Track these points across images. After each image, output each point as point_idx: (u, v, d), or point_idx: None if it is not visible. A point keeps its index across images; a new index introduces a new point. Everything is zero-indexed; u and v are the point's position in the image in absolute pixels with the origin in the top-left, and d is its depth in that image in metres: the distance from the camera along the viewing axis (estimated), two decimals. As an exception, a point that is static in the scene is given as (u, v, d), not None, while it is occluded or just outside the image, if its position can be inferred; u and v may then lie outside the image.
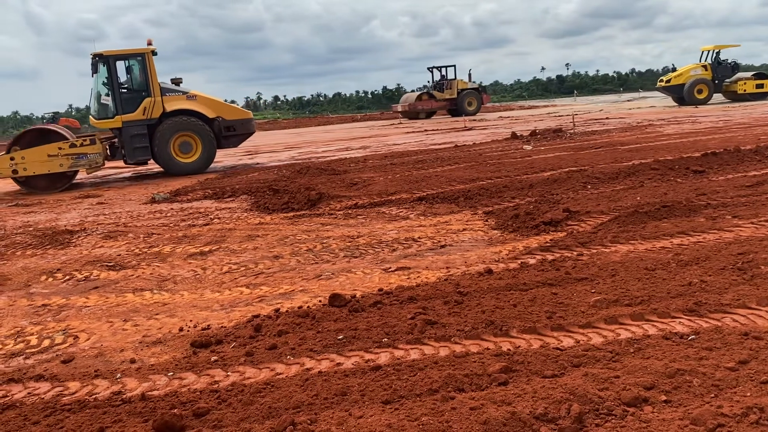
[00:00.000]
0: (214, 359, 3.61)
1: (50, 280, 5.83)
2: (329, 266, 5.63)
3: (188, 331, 4.22)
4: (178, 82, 15.07)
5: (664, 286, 4.20)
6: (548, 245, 5.61)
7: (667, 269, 4.56)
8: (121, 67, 14.48)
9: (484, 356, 3.29)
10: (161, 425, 2.76)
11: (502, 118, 33.69)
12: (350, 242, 6.42)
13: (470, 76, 38.38)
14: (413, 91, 42.76)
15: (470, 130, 24.25)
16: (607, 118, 25.55)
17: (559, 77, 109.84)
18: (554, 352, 3.28)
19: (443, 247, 6.02)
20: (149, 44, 14.48)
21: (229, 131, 15.03)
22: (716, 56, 31.61)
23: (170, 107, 14.46)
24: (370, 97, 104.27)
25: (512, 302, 4.12)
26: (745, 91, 31.35)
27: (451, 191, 8.89)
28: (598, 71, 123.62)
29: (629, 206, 6.74)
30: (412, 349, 3.51)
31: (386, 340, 3.65)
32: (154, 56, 14.39)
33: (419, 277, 5.06)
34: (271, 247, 6.51)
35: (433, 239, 6.31)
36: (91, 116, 14.83)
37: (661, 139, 14.70)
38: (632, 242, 5.45)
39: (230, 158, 18.96)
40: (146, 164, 15.79)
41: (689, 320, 3.59)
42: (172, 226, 8.09)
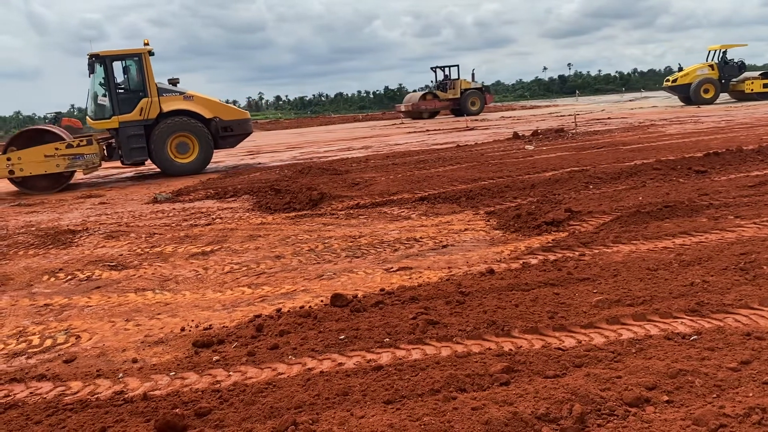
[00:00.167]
0: (215, 359, 3.61)
1: (52, 279, 5.84)
2: (331, 266, 5.63)
3: (190, 330, 4.22)
4: (175, 82, 15.03)
5: (666, 286, 4.19)
6: (550, 245, 5.61)
7: (669, 269, 4.56)
8: (118, 67, 14.44)
9: (485, 356, 3.28)
10: (163, 425, 2.76)
11: (503, 118, 33.68)
12: (352, 242, 6.43)
13: (473, 75, 38.43)
14: (415, 90, 42.78)
15: (472, 130, 24.24)
16: (609, 118, 25.53)
17: (561, 77, 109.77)
18: (556, 352, 3.28)
19: (445, 247, 6.02)
20: (146, 44, 14.45)
21: (226, 131, 15.00)
22: (723, 56, 31.42)
23: (167, 108, 14.42)
24: (371, 97, 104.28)
25: (514, 302, 4.11)
26: (752, 90, 31.08)
27: (452, 191, 8.89)
28: (600, 71, 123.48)
29: (631, 206, 6.73)
30: (413, 349, 3.51)
31: (388, 340, 3.65)
32: (151, 56, 14.35)
33: (421, 277, 5.06)
34: (272, 247, 6.51)
35: (434, 239, 6.31)
36: (87, 117, 14.81)
37: (663, 139, 14.69)
38: (634, 242, 5.45)
39: (232, 158, 18.97)
40: (143, 164, 15.76)
41: (691, 320, 3.58)
42: (174, 226, 8.09)
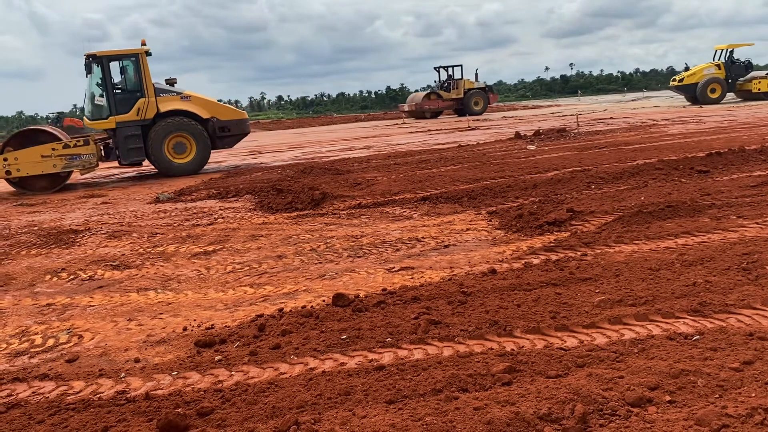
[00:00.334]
0: (218, 359, 3.61)
1: (55, 279, 5.85)
2: (333, 266, 5.63)
3: (192, 330, 4.23)
4: (172, 82, 15.01)
5: (668, 286, 4.19)
6: (552, 245, 5.61)
7: (671, 269, 4.55)
8: (115, 67, 14.42)
9: (487, 356, 3.28)
10: (165, 424, 2.76)
11: (505, 117, 33.66)
12: (354, 242, 6.43)
13: (477, 75, 38.52)
14: (417, 91, 42.81)
15: (474, 129, 24.23)
16: (611, 118, 25.50)
17: (563, 77, 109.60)
18: (558, 352, 3.28)
19: (447, 247, 6.01)
20: (143, 44, 14.42)
21: (223, 132, 14.98)
22: (730, 55, 31.26)
23: (164, 108, 14.40)
24: (373, 97, 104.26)
25: (516, 302, 4.11)
26: (759, 90, 30.85)
27: (454, 191, 8.89)
28: (602, 71, 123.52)
29: (633, 206, 6.72)
30: (415, 349, 3.51)
31: (390, 340, 3.65)
32: (148, 56, 14.32)
33: (423, 277, 5.05)
34: (274, 246, 6.51)
35: (436, 239, 6.31)
36: (85, 117, 14.80)
37: (665, 139, 14.67)
38: (636, 242, 5.44)
39: (234, 158, 18.98)
40: (141, 164, 15.72)
41: (693, 320, 3.58)
42: (176, 225, 8.10)
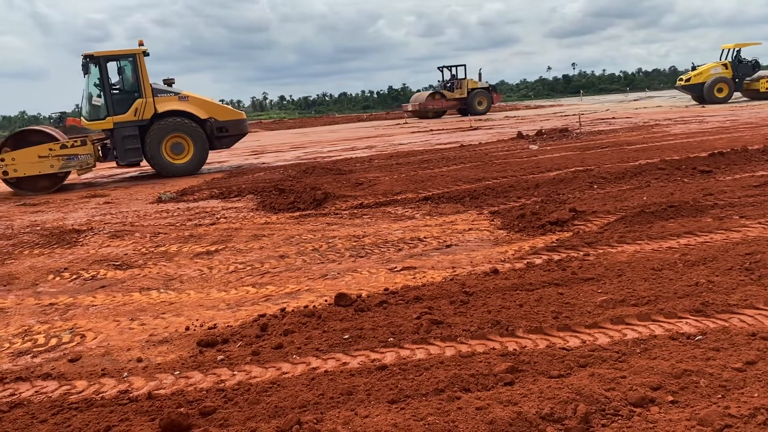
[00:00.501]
0: (220, 358, 3.62)
1: (57, 279, 5.86)
2: (335, 266, 5.63)
3: (195, 330, 4.23)
4: (170, 82, 14.99)
5: (670, 286, 4.18)
6: (554, 245, 5.60)
7: (673, 269, 4.55)
8: (113, 68, 14.39)
9: (490, 356, 3.28)
10: (168, 424, 2.77)
11: (507, 117, 33.65)
12: (356, 242, 6.43)
13: (480, 75, 38.58)
14: (419, 91, 42.84)
15: (476, 129, 24.23)
16: (613, 117, 25.48)
17: (565, 77, 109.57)
18: (560, 352, 3.28)
19: (449, 246, 6.01)
20: (140, 45, 14.41)
21: (221, 132, 14.96)
22: (737, 54, 31.02)
23: (162, 108, 14.38)
24: (375, 96, 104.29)
25: (518, 302, 4.11)
26: (767, 89, 30.52)
27: (456, 191, 8.89)
28: (604, 71, 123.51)
29: (636, 206, 6.72)
30: (417, 348, 3.51)
31: (392, 339, 3.65)
32: (145, 57, 14.30)
33: (425, 276, 5.05)
34: (277, 246, 6.52)
35: (438, 239, 6.31)
36: (82, 117, 14.80)
37: (667, 138, 14.65)
38: (639, 242, 5.43)
39: (236, 158, 19.00)
40: (138, 165, 15.71)
41: (696, 321, 3.57)
42: (178, 225, 8.11)
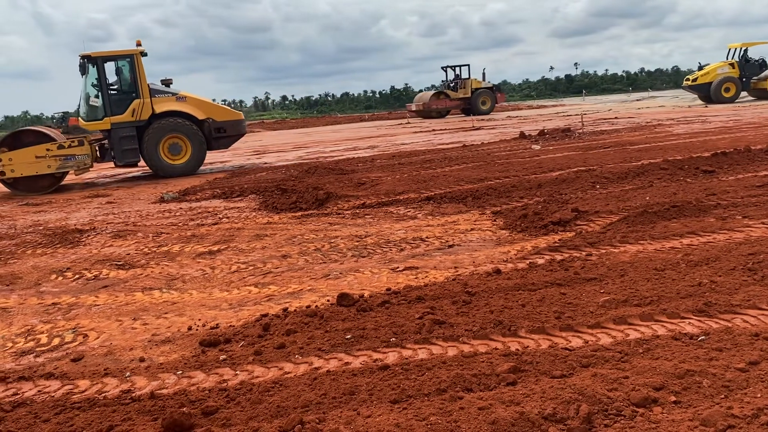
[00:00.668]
0: (222, 358, 3.62)
1: (60, 278, 5.87)
2: (337, 266, 5.63)
3: (197, 330, 4.24)
4: (168, 83, 14.96)
5: (673, 286, 4.18)
6: (557, 245, 5.59)
7: (676, 269, 4.54)
8: (110, 68, 14.37)
9: (492, 356, 3.28)
10: (170, 423, 2.77)
11: (510, 117, 33.62)
12: (358, 242, 6.43)
13: (484, 75, 38.63)
14: (422, 91, 42.89)
15: (478, 129, 24.21)
16: (616, 117, 25.44)
17: (567, 77, 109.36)
18: (563, 352, 3.27)
19: (451, 246, 6.01)
20: (138, 45, 14.38)
21: (219, 132, 14.94)
22: (744, 54, 30.80)
23: (159, 109, 14.34)
24: (378, 96, 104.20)
25: (521, 302, 4.11)
26: None
27: (459, 191, 8.88)
28: (607, 71, 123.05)
29: (638, 206, 6.71)
30: (420, 348, 3.51)
31: (394, 339, 3.65)
32: (143, 57, 14.28)
33: (427, 276, 5.05)
34: (279, 246, 6.52)
35: (441, 239, 6.31)
36: (80, 118, 14.79)
37: (670, 138, 14.63)
38: (641, 242, 5.42)
39: (238, 158, 19.02)
40: (136, 165, 15.71)
41: (699, 321, 3.57)
42: (180, 225, 8.12)
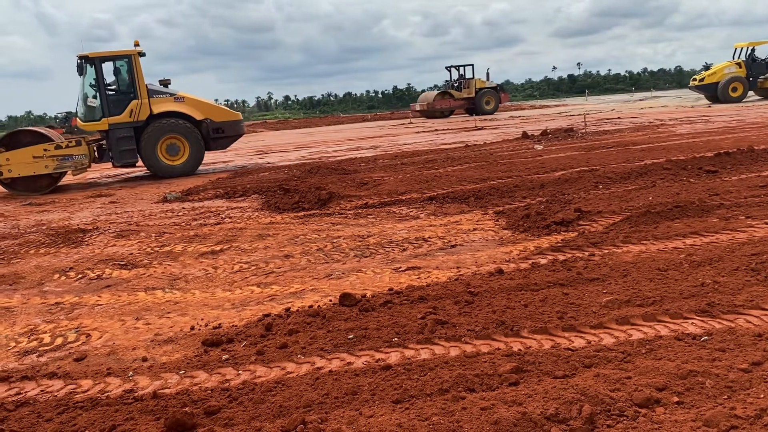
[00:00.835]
0: (225, 358, 3.62)
1: (63, 278, 5.88)
2: (339, 266, 5.64)
3: (199, 329, 4.24)
4: (166, 83, 14.95)
5: (676, 286, 4.17)
6: (559, 245, 5.59)
7: (679, 270, 4.53)
8: (108, 69, 14.34)
9: (494, 356, 3.28)
10: (173, 423, 2.77)
11: (512, 117, 33.60)
12: (360, 242, 6.43)
13: (488, 75, 38.70)
14: (425, 90, 42.90)
15: (481, 129, 24.20)
16: (618, 117, 25.40)
17: (570, 77, 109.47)
18: (565, 352, 3.27)
19: (454, 246, 6.01)
20: (136, 45, 14.37)
21: (217, 133, 14.92)
22: (751, 53, 30.65)
23: (157, 109, 14.32)
24: (380, 96, 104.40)
25: (523, 302, 4.10)
26: None
27: (461, 191, 8.88)
28: (609, 71, 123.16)
29: (641, 206, 6.70)
30: (422, 348, 3.50)
31: (396, 339, 3.65)
32: (141, 57, 14.26)
33: (429, 276, 5.05)
34: (281, 246, 6.52)
35: (443, 239, 6.30)
36: (78, 118, 14.78)
37: (673, 138, 14.60)
38: (644, 242, 5.42)
39: (241, 158, 19.04)
40: (135, 165, 15.72)
41: (702, 321, 3.56)
42: (183, 225, 8.13)
